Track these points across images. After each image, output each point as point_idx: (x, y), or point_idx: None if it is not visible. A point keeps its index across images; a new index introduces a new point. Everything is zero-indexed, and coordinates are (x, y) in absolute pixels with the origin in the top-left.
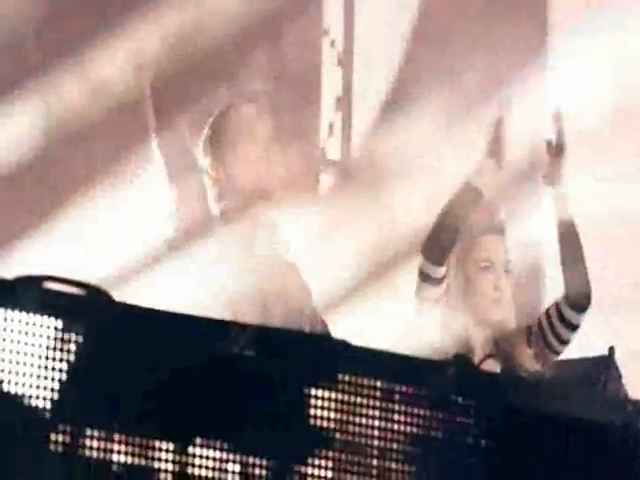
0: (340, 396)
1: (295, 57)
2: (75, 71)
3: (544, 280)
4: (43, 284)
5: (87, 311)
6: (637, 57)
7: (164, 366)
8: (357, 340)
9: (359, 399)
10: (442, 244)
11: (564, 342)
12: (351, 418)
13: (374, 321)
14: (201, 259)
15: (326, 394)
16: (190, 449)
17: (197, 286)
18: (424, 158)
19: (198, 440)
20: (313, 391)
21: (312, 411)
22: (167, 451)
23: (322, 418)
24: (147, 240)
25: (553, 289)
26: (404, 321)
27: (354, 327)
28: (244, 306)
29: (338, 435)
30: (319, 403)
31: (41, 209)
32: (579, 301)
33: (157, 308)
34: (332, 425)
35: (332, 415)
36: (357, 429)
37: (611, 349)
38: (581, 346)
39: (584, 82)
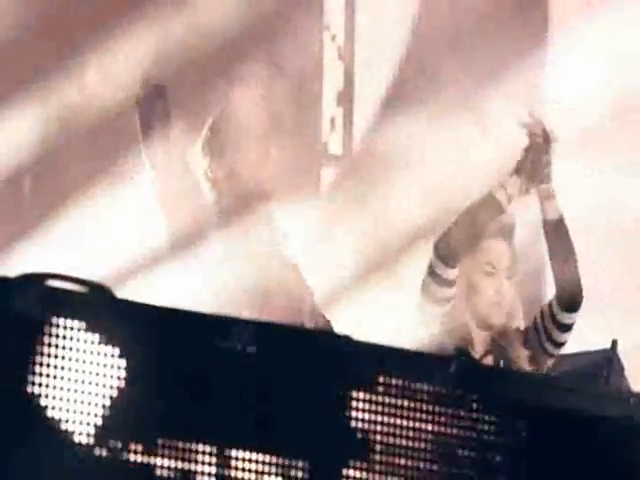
0: (342, 392)
1: (296, 52)
2: (74, 73)
3: (545, 283)
4: (46, 282)
5: (90, 308)
6: (635, 52)
7: (167, 363)
8: (356, 333)
9: (362, 394)
10: (456, 246)
11: (558, 345)
12: (354, 414)
13: (373, 314)
14: (202, 258)
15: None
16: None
17: (198, 285)
18: (424, 153)
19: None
20: (314, 388)
21: (313, 409)
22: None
23: (323, 416)
24: (147, 239)
25: (553, 289)
26: (403, 314)
27: (353, 320)
28: (245, 304)
29: (339, 431)
30: (320, 400)
31: (41, 209)
32: (570, 300)
33: (159, 305)
34: (333, 422)
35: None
36: (360, 424)
37: (614, 342)
38: (583, 340)
39: (583, 77)
